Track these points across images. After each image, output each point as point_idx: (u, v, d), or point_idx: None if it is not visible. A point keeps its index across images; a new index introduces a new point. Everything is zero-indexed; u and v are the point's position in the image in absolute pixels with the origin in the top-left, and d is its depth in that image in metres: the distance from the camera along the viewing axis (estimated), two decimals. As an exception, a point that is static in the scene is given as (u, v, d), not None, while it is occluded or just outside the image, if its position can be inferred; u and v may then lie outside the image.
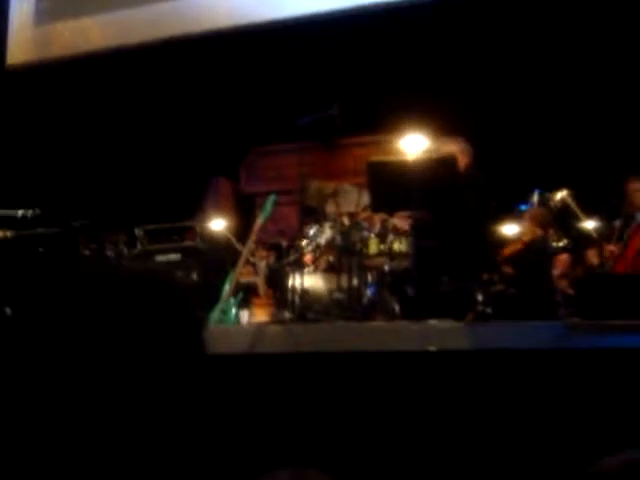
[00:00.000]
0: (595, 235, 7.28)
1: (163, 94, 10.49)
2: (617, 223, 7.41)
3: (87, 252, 7.71)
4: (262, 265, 7.67)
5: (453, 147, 6.49)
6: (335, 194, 6.84)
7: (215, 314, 6.25)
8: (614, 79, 8.94)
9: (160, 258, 7.60)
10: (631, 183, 7.15)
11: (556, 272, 7.29)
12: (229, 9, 10.28)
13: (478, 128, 8.26)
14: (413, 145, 6.75)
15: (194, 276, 7.45)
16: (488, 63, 9.37)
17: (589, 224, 7.26)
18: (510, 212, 7.46)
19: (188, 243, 7.79)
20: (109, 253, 7.84)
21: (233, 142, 10.67)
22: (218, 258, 7.64)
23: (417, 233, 6.13)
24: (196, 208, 9.37)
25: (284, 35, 10.02)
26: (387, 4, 9.68)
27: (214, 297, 6.44)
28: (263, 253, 7.60)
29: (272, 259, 8.03)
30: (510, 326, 5.32)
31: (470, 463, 4.75)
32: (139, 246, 7.83)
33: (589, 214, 7.29)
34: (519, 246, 6.99)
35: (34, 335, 1.23)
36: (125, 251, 7.96)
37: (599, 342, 4.82)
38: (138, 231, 7.88)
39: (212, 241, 7.84)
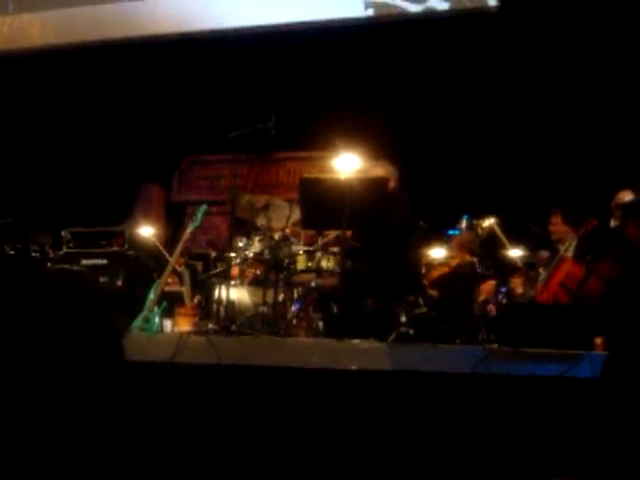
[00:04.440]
0: (520, 264, 7.39)
1: (99, 96, 10.40)
2: (542, 253, 7.54)
3: (11, 252, 7.59)
4: (188, 274, 7.62)
5: (381, 170, 6.57)
6: (266, 208, 6.83)
7: (138, 322, 6.20)
8: (541, 111, 9.12)
9: (86, 262, 7.52)
10: (552, 215, 7.29)
11: (481, 298, 7.38)
12: (171, 16, 10.22)
13: (410, 153, 8.37)
14: (346, 164, 6.79)
15: (119, 282, 7.38)
16: (423, 91, 9.48)
17: (514, 252, 7.37)
18: (438, 236, 7.54)
19: (115, 249, 7.71)
20: (34, 254, 7.73)
21: (167, 149, 10.61)
22: (145, 265, 7.58)
23: (345, 252, 6.18)
24: (125, 213, 9.29)
25: (225, 45, 10.01)
26: (326, 22, 9.75)
27: (138, 304, 6.39)
28: (181, 260, 7.55)
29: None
30: (431, 348, 5.38)
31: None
32: (64, 248, 7.74)
33: (515, 243, 7.40)
34: (446, 270, 7.06)
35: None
36: (50, 253, 7.85)
37: (516, 369, 4.91)
38: (65, 233, 7.78)
39: (140, 248, 7.77)
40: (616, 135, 8.73)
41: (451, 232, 7.65)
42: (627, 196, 6.78)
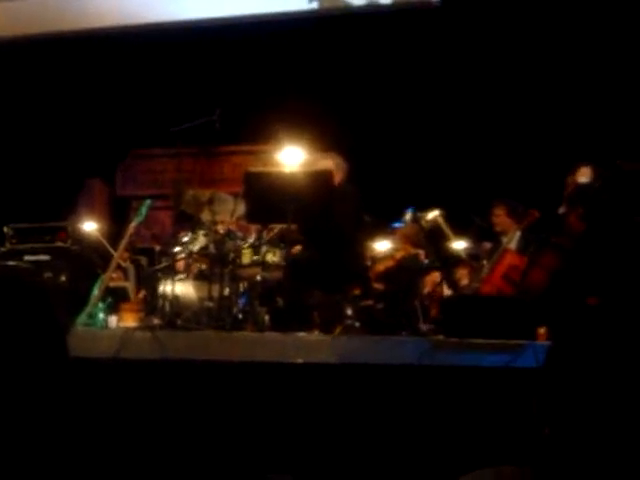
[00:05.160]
0: (464, 256, 7.44)
1: (41, 90, 10.27)
2: (486, 245, 7.60)
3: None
4: (132, 269, 7.57)
5: (329, 162, 6.57)
6: (211, 202, 6.79)
7: (82, 318, 6.15)
8: (483, 103, 9.20)
9: (29, 258, 7.44)
10: (495, 207, 7.34)
11: (427, 290, 7.43)
12: (115, 9, 10.15)
13: (355, 145, 8.39)
14: (291, 157, 6.79)
15: (63, 278, 7.31)
16: (368, 83, 9.52)
17: (459, 244, 7.42)
18: (383, 229, 7.56)
19: (59, 244, 7.64)
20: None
21: (111, 143, 10.50)
22: (89, 261, 7.51)
23: (290, 245, 6.19)
24: (69, 209, 9.19)
25: (169, 38, 9.96)
26: (270, 15, 9.75)
27: (82, 300, 6.33)
28: (126, 254, 7.49)
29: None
30: (377, 341, 5.41)
31: (332, 473, 4.80)
32: (7, 245, 7.64)
33: (459, 234, 7.45)
34: (391, 263, 7.10)
35: None
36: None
37: (461, 360, 4.95)
38: (7, 229, 7.69)
39: (83, 243, 7.70)
40: (559, 125, 8.84)
41: (396, 224, 7.68)
42: (583, 176, 6.73)
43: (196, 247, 6.77)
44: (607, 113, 8.64)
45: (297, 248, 6.59)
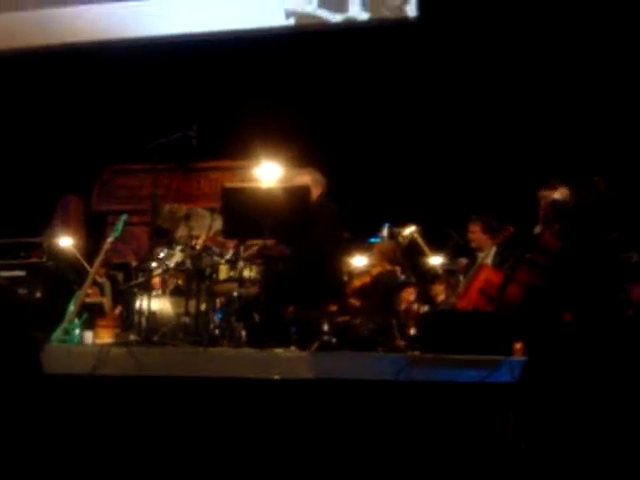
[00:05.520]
0: (440, 271, 7.45)
1: (17, 105, 10.24)
2: (462, 260, 7.61)
3: None
4: (108, 285, 7.55)
5: (307, 177, 6.58)
6: (188, 217, 6.78)
7: (58, 334, 6.10)
8: (460, 119, 9.26)
9: (4, 274, 7.39)
10: (470, 224, 7.35)
11: (403, 306, 7.43)
12: (89, 24, 10.13)
13: (332, 161, 8.40)
14: (268, 173, 6.80)
15: (38, 294, 7.27)
16: (345, 99, 9.55)
17: (435, 260, 7.43)
18: (360, 244, 7.58)
19: (34, 260, 7.60)
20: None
21: (87, 159, 10.47)
22: (64, 277, 7.47)
23: (267, 261, 6.18)
24: (45, 224, 9.14)
25: (146, 54, 9.96)
26: (247, 31, 9.78)
27: (58, 316, 6.29)
28: (102, 270, 7.47)
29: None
30: (353, 356, 5.41)
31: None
32: (-18, 260, 7.60)
33: (435, 250, 7.46)
34: (367, 279, 7.11)
35: None
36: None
37: (438, 375, 4.96)
38: (-18, 245, 7.65)
39: (59, 259, 7.66)
40: (535, 141, 8.90)
41: (372, 240, 7.69)
42: (558, 194, 6.73)
43: (173, 263, 6.76)
44: (580, 129, 8.72)
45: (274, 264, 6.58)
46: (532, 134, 8.97)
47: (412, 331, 6.85)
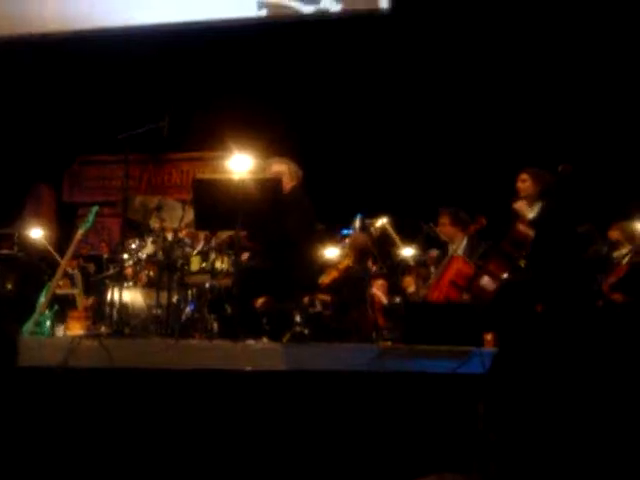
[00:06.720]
0: (412, 262, 7.47)
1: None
2: (433, 252, 7.64)
3: None
4: (79, 277, 7.51)
5: (282, 167, 6.52)
6: (159, 209, 6.76)
7: (29, 326, 6.07)
8: (431, 110, 9.29)
9: (-26, 266, 7.36)
10: (439, 216, 7.35)
11: (375, 297, 7.45)
12: (60, 14, 10.06)
13: (303, 152, 8.39)
14: (239, 165, 6.78)
15: (9, 286, 7.24)
16: (317, 90, 9.55)
17: (406, 251, 7.45)
18: (333, 236, 7.58)
19: (5, 251, 7.56)
20: None
21: (58, 149, 10.41)
22: (35, 268, 7.44)
23: (239, 252, 6.17)
24: (15, 215, 9.09)
25: (118, 44, 9.89)
26: (219, 22, 9.75)
27: (29, 308, 6.26)
28: (73, 262, 7.44)
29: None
30: (326, 347, 5.42)
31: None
32: (-48, 252, 7.56)
33: (407, 241, 7.48)
34: (335, 274, 7.11)
35: None
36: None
37: (409, 366, 4.98)
38: (-48, 237, 7.61)
39: (30, 250, 7.62)
40: (508, 132, 8.95)
41: (345, 232, 7.71)
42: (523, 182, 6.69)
43: (144, 254, 6.73)
44: (552, 119, 8.78)
45: (245, 255, 6.58)
46: (505, 124, 9.01)
47: (382, 323, 6.87)
